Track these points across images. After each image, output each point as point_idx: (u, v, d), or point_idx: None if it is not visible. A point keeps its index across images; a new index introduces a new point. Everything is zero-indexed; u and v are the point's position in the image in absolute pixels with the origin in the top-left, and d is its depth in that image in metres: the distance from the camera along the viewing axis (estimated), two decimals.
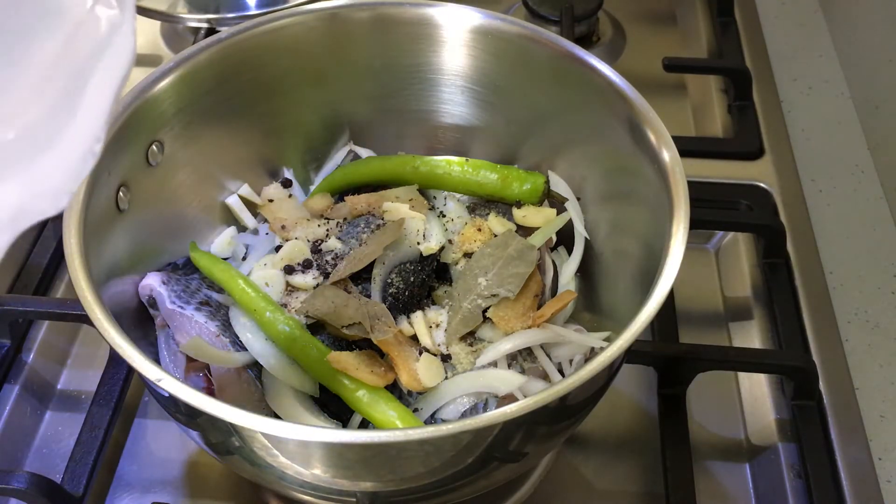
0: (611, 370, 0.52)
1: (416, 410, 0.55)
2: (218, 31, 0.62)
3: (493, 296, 0.57)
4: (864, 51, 0.94)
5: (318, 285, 0.59)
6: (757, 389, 0.69)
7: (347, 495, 0.50)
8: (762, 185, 0.82)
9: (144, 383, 0.60)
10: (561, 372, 0.58)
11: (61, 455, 0.65)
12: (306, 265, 0.60)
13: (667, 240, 0.50)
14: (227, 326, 0.57)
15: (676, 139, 0.55)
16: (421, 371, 0.54)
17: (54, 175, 0.30)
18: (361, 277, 0.58)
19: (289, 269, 0.60)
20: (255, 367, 0.56)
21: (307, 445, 0.45)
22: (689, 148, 0.83)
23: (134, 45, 0.32)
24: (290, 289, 0.60)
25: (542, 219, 0.63)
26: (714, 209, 0.79)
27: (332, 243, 0.61)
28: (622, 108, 0.57)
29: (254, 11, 0.96)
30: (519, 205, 0.64)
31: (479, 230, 0.62)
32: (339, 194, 0.67)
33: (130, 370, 0.65)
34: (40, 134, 0.30)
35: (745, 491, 0.64)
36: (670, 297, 0.65)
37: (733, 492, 0.64)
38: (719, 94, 0.93)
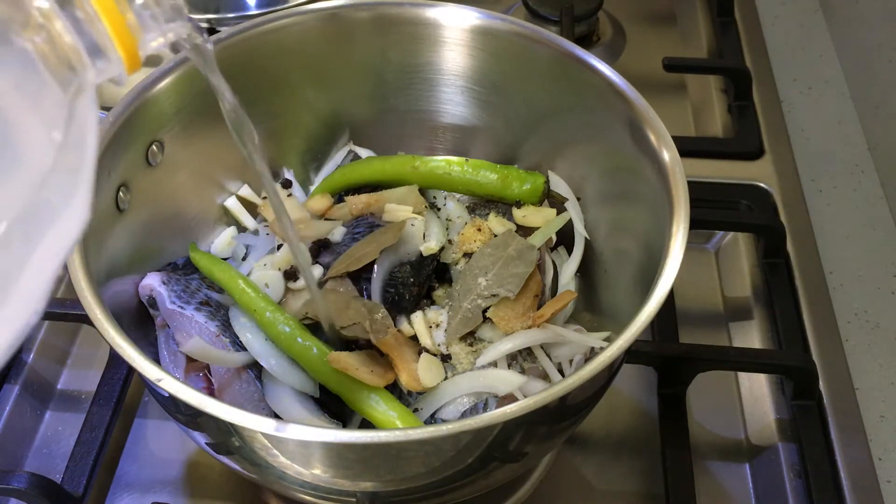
0: (611, 370, 0.52)
1: (416, 410, 0.55)
2: (218, 31, 0.62)
3: (493, 296, 0.57)
4: (864, 51, 0.94)
5: (318, 286, 0.59)
6: (757, 389, 0.69)
7: (347, 495, 0.50)
8: (762, 185, 0.82)
9: (144, 383, 0.60)
10: (561, 372, 0.58)
11: (61, 455, 0.65)
12: None
13: (667, 240, 0.50)
14: (227, 326, 0.57)
15: (676, 139, 0.54)
16: (421, 371, 0.54)
17: None
18: (361, 277, 0.58)
19: (288, 275, 0.59)
20: (255, 367, 0.56)
21: (307, 445, 0.45)
22: (689, 148, 0.83)
23: (87, 216, 0.30)
24: (290, 289, 0.59)
25: (542, 219, 0.63)
26: (714, 209, 0.79)
27: (338, 231, 0.61)
28: (622, 108, 0.57)
29: (254, 11, 0.96)
30: (519, 205, 0.64)
31: (479, 230, 0.62)
32: (339, 194, 0.67)
33: (130, 370, 0.65)
34: None
35: (745, 491, 0.64)
36: (670, 297, 0.65)
37: (733, 492, 0.64)
38: (719, 94, 0.93)
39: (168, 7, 0.34)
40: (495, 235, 0.62)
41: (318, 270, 0.59)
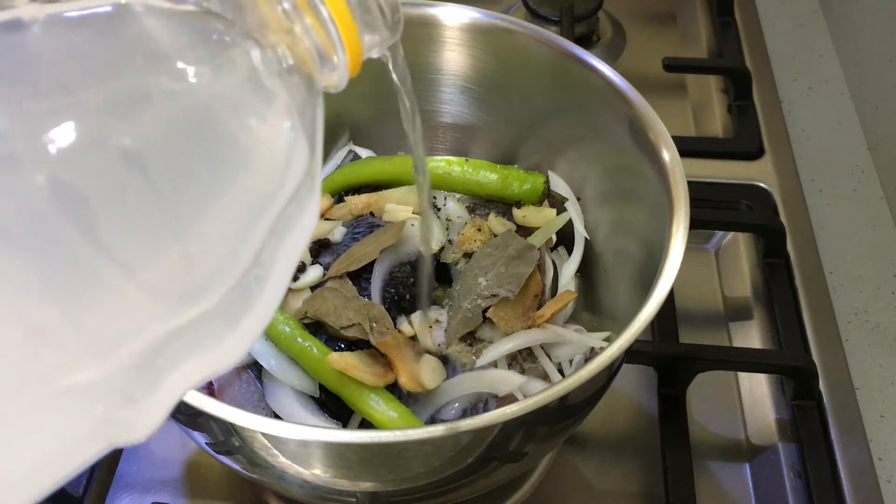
0: (611, 370, 0.52)
1: (416, 411, 0.55)
2: None
3: (493, 296, 0.57)
4: (864, 51, 0.94)
5: (318, 285, 0.59)
6: (757, 389, 0.69)
7: (347, 495, 0.50)
8: (762, 185, 0.82)
9: None
10: (561, 372, 0.58)
11: None
12: (305, 268, 0.60)
13: (667, 240, 0.50)
14: None
15: (676, 139, 0.54)
16: (423, 372, 0.54)
17: (235, 351, 0.29)
18: (361, 277, 0.58)
19: None
20: (255, 367, 0.56)
21: (307, 445, 0.45)
22: (689, 148, 0.83)
23: (318, 215, 0.31)
24: (290, 289, 0.59)
25: (542, 219, 0.63)
26: (714, 209, 0.79)
27: (338, 231, 0.61)
28: (622, 108, 0.57)
29: None
30: (519, 205, 0.64)
31: (479, 230, 0.62)
32: (339, 194, 0.67)
33: None
34: (236, 308, 0.28)
35: (745, 491, 0.64)
36: (670, 297, 0.65)
37: (733, 492, 0.64)
38: (719, 94, 0.93)
39: (390, 13, 0.34)
40: (495, 235, 0.62)
41: (318, 270, 0.59)
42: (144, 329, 0.26)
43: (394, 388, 0.55)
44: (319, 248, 0.61)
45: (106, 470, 0.65)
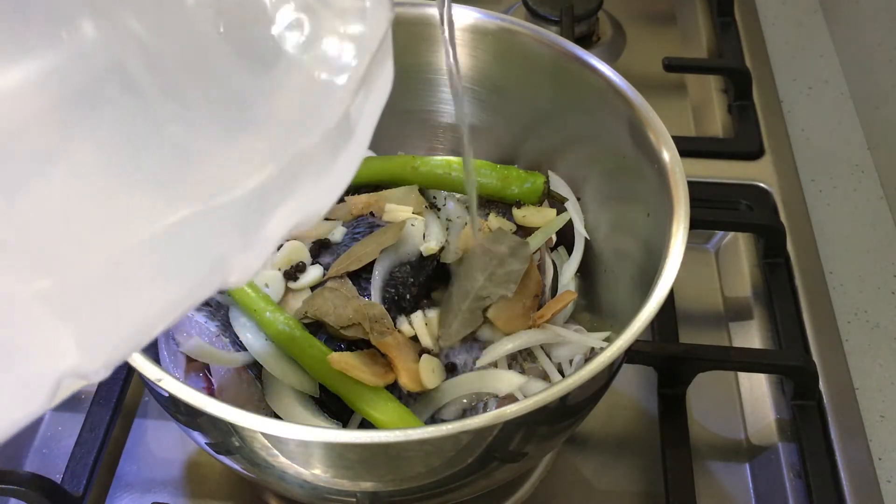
0: (611, 370, 0.52)
1: (416, 411, 0.55)
2: None
3: (491, 296, 0.57)
4: (864, 51, 0.94)
5: (318, 285, 0.59)
6: (757, 389, 0.69)
7: (347, 495, 0.50)
8: (762, 185, 0.82)
9: (144, 383, 0.60)
10: (561, 372, 0.58)
11: (61, 455, 0.65)
12: (305, 268, 0.60)
13: (667, 240, 0.50)
14: (227, 326, 0.57)
15: (676, 139, 0.54)
16: (422, 372, 0.54)
17: (326, 196, 0.31)
18: (361, 277, 0.58)
19: (288, 275, 0.59)
20: (255, 367, 0.56)
21: (307, 445, 0.45)
22: (689, 148, 0.83)
23: (392, 77, 0.34)
24: (290, 289, 0.59)
25: (542, 219, 0.63)
26: (714, 209, 0.79)
27: (338, 231, 0.61)
28: (622, 108, 0.57)
29: None
30: (519, 205, 0.64)
31: (479, 230, 0.62)
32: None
33: (130, 370, 0.65)
34: (329, 153, 0.31)
35: (745, 491, 0.64)
36: (670, 297, 0.65)
37: (733, 492, 0.64)
38: (719, 94, 0.93)
39: None
40: None
41: (318, 270, 0.59)
42: (265, 163, 0.28)
43: (394, 388, 0.55)
44: (319, 248, 0.61)
45: (106, 470, 0.65)
